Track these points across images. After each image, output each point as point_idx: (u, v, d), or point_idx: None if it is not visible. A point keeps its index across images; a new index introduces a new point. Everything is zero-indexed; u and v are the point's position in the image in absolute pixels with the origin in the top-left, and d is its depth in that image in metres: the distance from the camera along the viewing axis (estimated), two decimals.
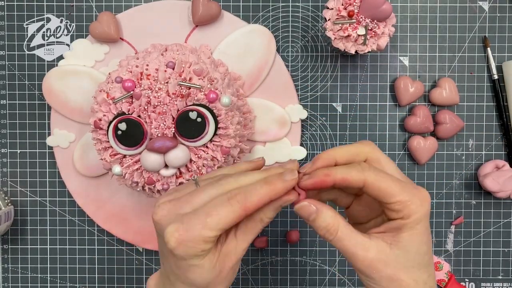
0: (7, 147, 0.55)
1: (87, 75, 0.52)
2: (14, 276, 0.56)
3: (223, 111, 0.44)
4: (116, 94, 0.44)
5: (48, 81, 0.52)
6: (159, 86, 0.43)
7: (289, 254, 0.56)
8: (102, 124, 0.44)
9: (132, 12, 0.53)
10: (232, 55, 0.51)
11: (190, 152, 0.44)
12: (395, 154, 0.55)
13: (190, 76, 0.44)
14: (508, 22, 0.54)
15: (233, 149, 0.46)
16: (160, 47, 0.48)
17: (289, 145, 0.53)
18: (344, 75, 0.55)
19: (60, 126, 0.53)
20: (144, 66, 0.44)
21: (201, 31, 0.53)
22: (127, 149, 0.44)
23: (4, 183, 0.56)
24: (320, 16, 0.54)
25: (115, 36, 0.52)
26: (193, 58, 0.46)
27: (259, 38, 0.51)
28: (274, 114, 0.52)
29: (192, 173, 0.45)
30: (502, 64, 0.54)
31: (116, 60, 0.52)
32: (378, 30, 0.47)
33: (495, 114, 0.55)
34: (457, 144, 0.55)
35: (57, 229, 0.56)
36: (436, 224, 0.56)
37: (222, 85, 0.45)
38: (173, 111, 0.44)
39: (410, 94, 0.53)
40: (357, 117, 0.55)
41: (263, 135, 0.53)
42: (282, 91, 0.53)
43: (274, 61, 0.52)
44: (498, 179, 0.52)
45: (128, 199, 0.54)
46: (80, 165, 0.53)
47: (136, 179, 0.45)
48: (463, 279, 0.56)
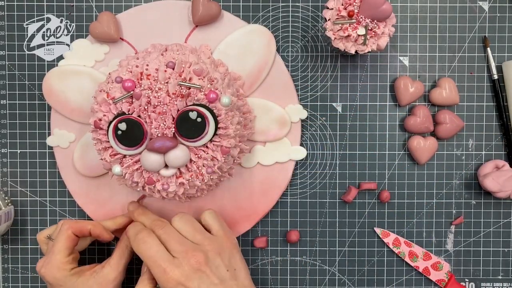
0: (7, 147, 0.55)
1: (87, 75, 0.52)
2: (14, 276, 0.56)
3: (223, 111, 0.44)
4: (116, 94, 0.44)
5: (48, 81, 0.52)
6: (159, 86, 0.43)
7: (289, 254, 0.56)
8: (102, 124, 0.44)
9: (132, 12, 0.53)
10: (232, 55, 0.51)
11: (190, 152, 0.44)
12: (395, 154, 0.55)
13: (190, 76, 0.44)
14: (508, 22, 0.54)
15: (233, 149, 0.46)
16: (160, 47, 0.48)
17: (289, 145, 0.53)
18: (344, 75, 0.55)
19: (60, 126, 0.53)
20: (144, 66, 0.44)
21: (201, 31, 0.53)
22: (127, 149, 0.44)
23: (4, 183, 0.56)
24: (320, 16, 0.54)
25: (115, 36, 0.52)
26: (193, 58, 0.46)
27: (259, 38, 0.51)
28: (274, 114, 0.52)
29: (192, 173, 0.45)
30: (502, 64, 0.54)
31: (116, 60, 0.52)
32: (378, 30, 0.47)
33: (495, 114, 0.55)
34: (457, 144, 0.55)
35: None
36: (436, 224, 0.56)
37: (222, 85, 0.45)
38: (173, 111, 0.43)
39: (410, 94, 0.53)
40: (357, 117, 0.55)
41: (263, 135, 0.53)
42: (282, 91, 0.53)
43: (274, 61, 0.52)
44: (498, 179, 0.52)
45: (128, 199, 0.54)
46: (80, 165, 0.53)
47: (136, 179, 0.45)
48: (463, 279, 0.56)
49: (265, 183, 0.54)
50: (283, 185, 0.54)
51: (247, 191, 0.54)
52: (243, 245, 0.56)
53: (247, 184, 0.54)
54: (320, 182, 0.55)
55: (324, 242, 0.56)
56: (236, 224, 0.54)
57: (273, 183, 0.54)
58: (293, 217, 0.56)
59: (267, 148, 0.53)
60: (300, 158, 0.53)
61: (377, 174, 0.55)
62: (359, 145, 0.55)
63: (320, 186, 0.55)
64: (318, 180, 0.55)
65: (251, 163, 0.53)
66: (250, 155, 0.53)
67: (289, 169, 0.54)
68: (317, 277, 0.56)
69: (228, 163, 0.48)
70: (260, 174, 0.53)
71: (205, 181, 0.45)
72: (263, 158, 0.53)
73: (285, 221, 0.56)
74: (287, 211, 0.55)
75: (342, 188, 0.55)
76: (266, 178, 0.53)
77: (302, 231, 0.56)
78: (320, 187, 0.55)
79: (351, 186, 0.55)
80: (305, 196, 0.55)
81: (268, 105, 0.52)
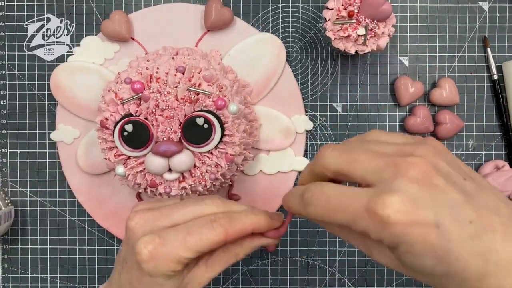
0: (7, 147, 0.55)
1: (95, 72, 0.52)
2: (14, 276, 0.56)
3: (230, 119, 0.44)
4: (124, 95, 0.44)
5: (56, 76, 0.52)
6: (168, 90, 0.43)
7: (289, 254, 0.56)
8: (108, 123, 0.44)
9: (145, 12, 0.53)
10: (242, 62, 0.51)
11: (194, 157, 0.44)
12: None
13: (200, 82, 0.44)
14: (508, 22, 0.54)
15: (238, 156, 0.46)
16: (171, 51, 0.48)
17: (292, 155, 0.53)
18: (344, 75, 0.55)
19: (66, 121, 0.53)
20: (154, 69, 0.44)
21: (212, 36, 0.52)
22: (132, 150, 0.44)
23: (4, 183, 0.56)
24: (320, 16, 0.54)
25: (127, 36, 0.52)
26: (203, 63, 0.45)
27: (269, 47, 0.52)
28: (279, 124, 0.52)
29: (195, 178, 0.45)
30: (502, 64, 0.54)
31: (126, 59, 0.52)
32: (378, 30, 0.47)
33: (495, 114, 0.55)
34: (457, 144, 0.55)
35: (57, 229, 0.56)
36: None
37: (230, 92, 0.45)
38: (180, 116, 0.43)
39: (410, 94, 0.53)
40: (357, 117, 0.55)
41: (267, 144, 0.53)
42: (289, 101, 0.53)
43: (283, 70, 0.52)
44: (498, 180, 0.52)
45: (130, 199, 0.54)
46: (83, 162, 0.53)
47: (139, 181, 0.45)
48: None
49: (267, 192, 0.53)
50: None
51: (248, 198, 0.54)
52: None
53: (248, 192, 0.54)
54: None
55: (324, 242, 0.56)
56: None
57: (274, 192, 0.53)
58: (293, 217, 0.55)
59: (271, 157, 0.53)
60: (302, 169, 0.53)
61: None
62: None
63: None
64: None
65: (254, 171, 0.53)
66: (254, 163, 0.53)
67: (292, 179, 0.53)
68: (317, 277, 0.56)
69: (231, 170, 0.47)
70: (262, 182, 0.53)
71: (207, 187, 0.45)
72: (266, 166, 0.53)
73: None
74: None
75: None
76: (268, 187, 0.53)
77: (302, 231, 0.56)
78: None
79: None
80: None
81: (275, 114, 0.52)
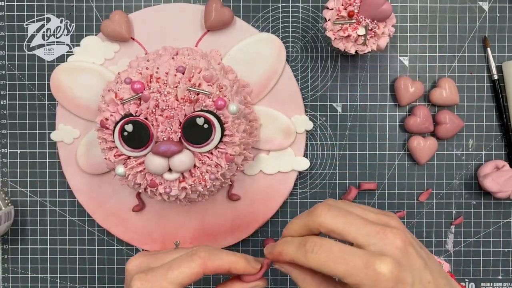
0: (7, 147, 0.55)
1: (96, 72, 0.52)
2: (14, 276, 0.56)
3: (230, 119, 0.44)
4: (124, 95, 0.44)
5: (56, 76, 0.52)
6: (168, 90, 0.43)
7: None
8: (108, 123, 0.44)
9: (145, 12, 0.53)
10: (242, 62, 0.51)
11: (194, 157, 0.44)
12: (395, 154, 0.55)
13: (200, 82, 0.44)
14: (508, 22, 0.54)
15: (237, 156, 0.46)
16: (171, 50, 0.48)
17: (292, 155, 0.53)
18: (344, 75, 0.55)
19: (66, 121, 0.53)
20: (154, 69, 0.44)
21: (212, 36, 0.52)
22: (132, 150, 0.44)
23: (4, 183, 0.56)
24: (320, 16, 0.54)
25: (127, 36, 0.52)
26: (203, 63, 0.45)
27: (269, 47, 0.51)
28: (279, 124, 0.52)
29: (195, 178, 0.45)
30: (502, 64, 0.54)
31: (126, 59, 0.52)
32: (378, 30, 0.47)
33: (495, 114, 0.55)
34: (457, 144, 0.55)
35: (57, 229, 0.56)
36: (436, 224, 0.56)
37: (230, 92, 0.45)
38: (180, 116, 0.43)
39: (410, 94, 0.53)
40: (357, 117, 0.55)
41: (267, 144, 0.53)
42: (289, 101, 0.53)
43: (283, 70, 0.52)
44: (498, 180, 0.52)
45: (129, 199, 0.54)
46: (83, 162, 0.53)
47: (139, 181, 0.45)
48: (463, 279, 0.56)
49: (267, 192, 0.53)
50: (285, 195, 0.54)
51: (248, 198, 0.54)
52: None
53: (248, 192, 0.54)
54: (320, 182, 0.55)
55: None
56: (235, 231, 0.54)
57: (274, 192, 0.53)
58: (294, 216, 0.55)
59: (271, 157, 0.53)
60: (302, 169, 0.53)
61: (377, 174, 0.55)
62: (359, 145, 0.55)
63: (320, 186, 0.55)
64: (318, 180, 0.55)
65: (254, 171, 0.53)
66: (253, 163, 0.53)
67: (291, 179, 0.53)
68: None
69: (231, 170, 0.47)
70: (262, 182, 0.53)
71: (207, 187, 0.45)
72: (266, 166, 0.53)
73: (285, 221, 0.55)
74: (287, 211, 0.55)
75: (342, 188, 0.55)
76: (268, 187, 0.53)
77: None
78: (320, 187, 0.55)
79: (351, 186, 0.55)
80: (305, 196, 0.55)
81: (274, 114, 0.52)
